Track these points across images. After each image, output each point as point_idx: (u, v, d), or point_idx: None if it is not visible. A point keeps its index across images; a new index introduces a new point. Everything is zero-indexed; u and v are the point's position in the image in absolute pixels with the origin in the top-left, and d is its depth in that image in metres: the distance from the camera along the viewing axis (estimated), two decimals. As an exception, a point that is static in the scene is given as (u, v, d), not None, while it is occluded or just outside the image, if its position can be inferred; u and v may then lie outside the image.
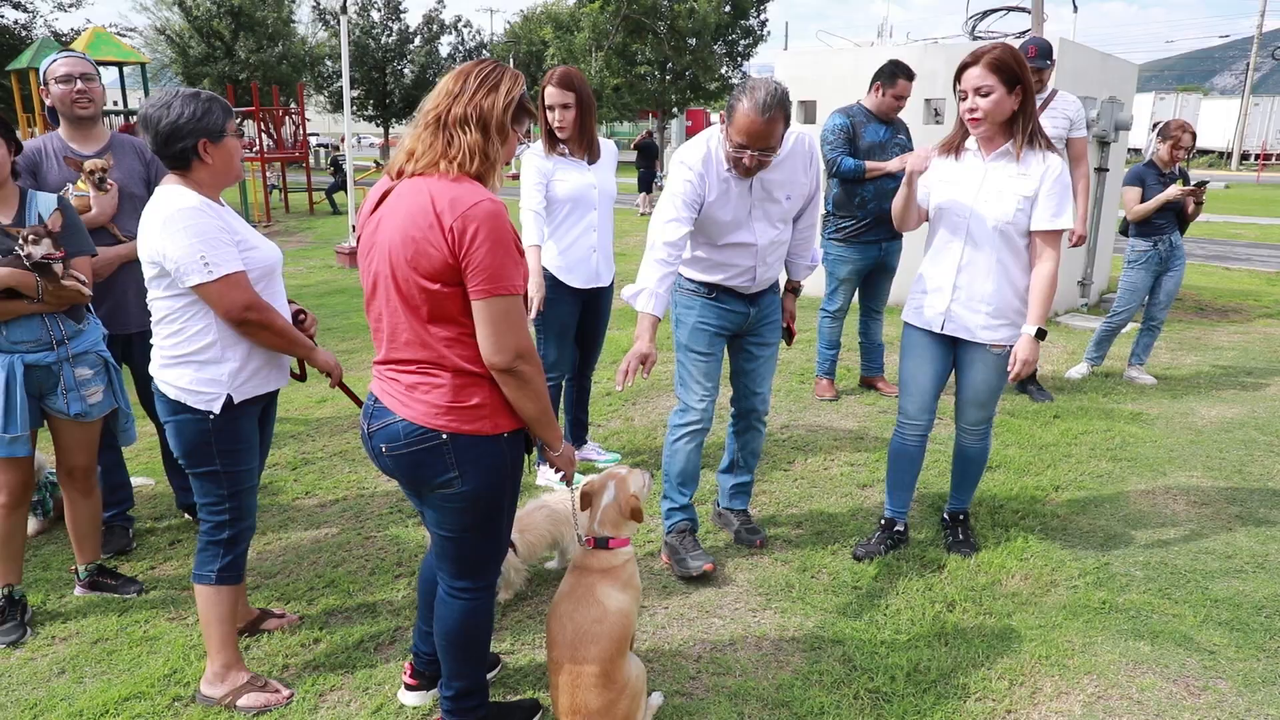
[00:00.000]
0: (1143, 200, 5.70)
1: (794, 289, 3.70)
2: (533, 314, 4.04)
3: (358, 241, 2.26)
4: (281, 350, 2.68)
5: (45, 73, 3.44)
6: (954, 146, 3.34)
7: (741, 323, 3.47)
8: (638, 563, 2.96)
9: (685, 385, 3.47)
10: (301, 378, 2.93)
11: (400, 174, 2.15)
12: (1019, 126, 3.17)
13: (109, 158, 3.43)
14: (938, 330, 3.40)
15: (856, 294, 5.70)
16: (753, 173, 3.14)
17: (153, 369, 2.61)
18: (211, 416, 2.54)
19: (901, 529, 3.70)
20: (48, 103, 3.48)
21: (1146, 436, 4.99)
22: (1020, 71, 3.10)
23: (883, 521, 3.71)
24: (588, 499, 2.60)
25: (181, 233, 2.40)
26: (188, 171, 2.51)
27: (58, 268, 2.87)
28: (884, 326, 5.85)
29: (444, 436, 2.14)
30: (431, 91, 2.16)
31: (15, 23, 24.79)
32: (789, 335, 3.70)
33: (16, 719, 2.65)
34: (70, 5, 26.30)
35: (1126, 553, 3.63)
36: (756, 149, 3.03)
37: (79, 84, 3.42)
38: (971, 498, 3.74)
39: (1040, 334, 3.21)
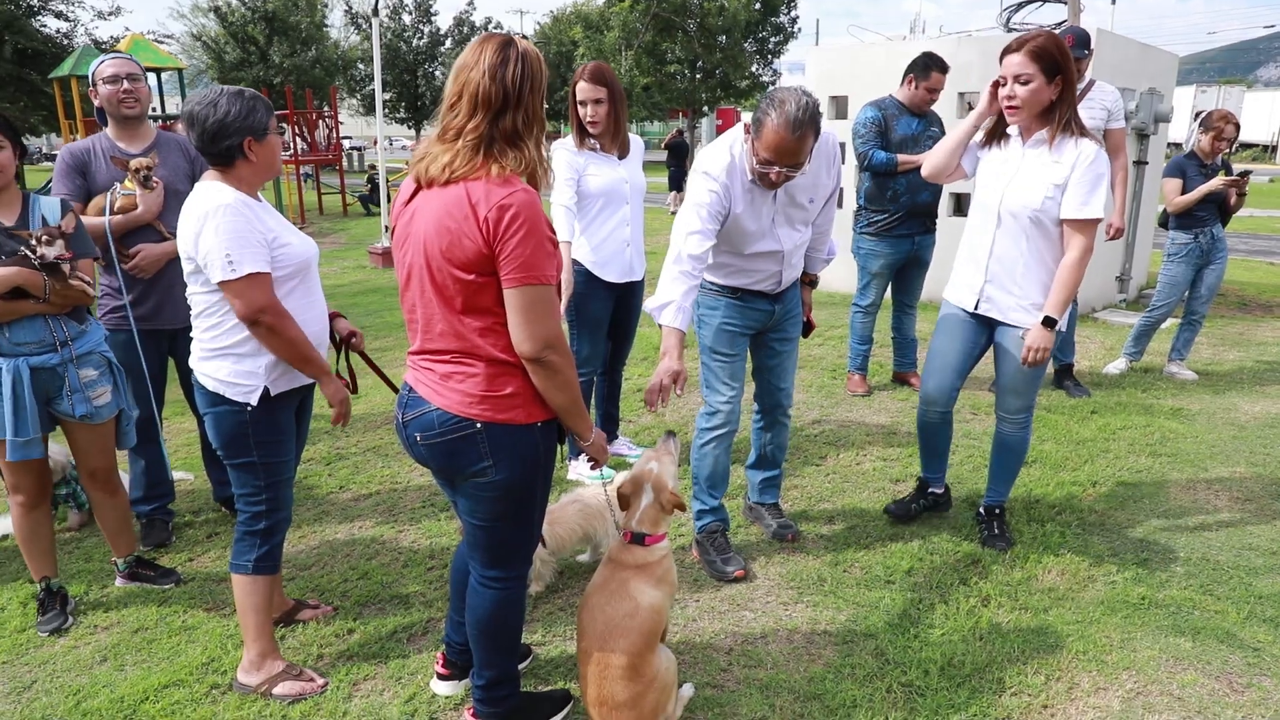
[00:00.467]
0: (1183, 192, 5.59)
1: (811, 281, 3.66)
2: (561, 308, 4.05)
3: (392, 234, 2.28)
4: (291, 362, 2.60)
5: (93, 74, 3.51)
6: (995, 135, 3.34)
7: (766, 320, 3.44)
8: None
9: (711, 387, 3.44)
10: (352, 389, 2.90)
11: (431, 183, 2.09)
12: (1056, 116, 3.14)
13: (154, 156, 3.49)
14: (972, 309, 3.42)
15: (889, 289, 5.65)
16: (778, 186, 3.08)
17: (192, 361, 2.65)
18: (249, 408, 2.57)
19: (939, 491, 3.84)
20: (96, 103, 3.55)
21: (1187, 432, 4.90)
22: (1062, 61, 3.07)
23: (918, 480, 3.87)
24: (625, 500, 2.59)
25: (213, 230, 2.43)
26: (229, 168, 2.55)
27: (66, 268, 2.87)
28: (917, 322, 5.79)
29: (478, 425, 2.15)
30: (462, 89, 2.03)
31: (57, 31, 25.29)
32: (807, 328, 3.68)
33: (61, 704, 2.71)
34: (110, 14, 26.79)
35: (1167, 548, 3.57)
36: (784, 165, 2.94)
37: (125, 84, 3.48)
38: (1009, 491, 3.69)
39: (1049, 322, 3.17)
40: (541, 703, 2.61)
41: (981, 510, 3.71)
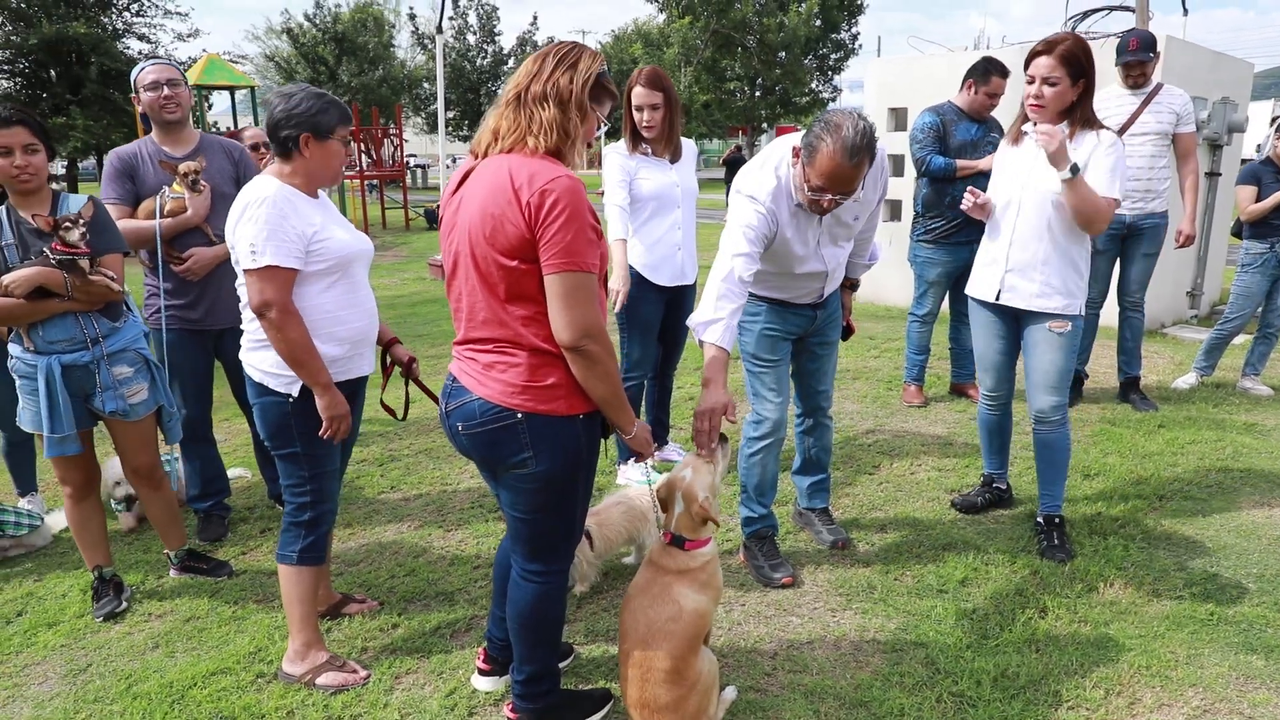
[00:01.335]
0: (1259, 199, 5.38)
1: (851, 285, 3.60)
2: (616, 308, 4.05)
3: (440, 223, 2.30)
4: (288, 363, 2.55)
5: (135, 80, 3.58)
6: (1015, 136, 3.48)
7: (808, 326, 3.38)
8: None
9: (758, 395, 3.38)
10: (400, 417, 3.06)
11: (485, 154, 2.18)
12: (1076, 115, 3.28)
13: (201, 160, 3.56)
14: (993, 300, 3.52)
15: (947, 298, 5.53)
16: (828, 213, 2.99)
17: (241, 353, 2.70)
18: (291, 399, 2.60)
19: (1003, 487, 3.96)
20: (139, 109, 3.64)
21: (1262, 448, 4.68)
22: (1087, 64, 3.23)
23: (983, 476, 4.01)
24: (665, 504, 2.55)
25: (249, 220, 2.49)
26: (287, 160, 2.59)
27: (84, 264, 2.91)
28: (976, 332, 5.65)
29: (519, 416, 2.15)
30: (512, 75, 2.19)
31: (140, 53, 26.38)
32: (847, 331, 3.63)
33: (113, 687, 2.77)
34: (189, 35, 28.06)
35: (1238, 564, 3.40)
36: (838, 193, 2.81)
37: (165, 89, 3.54)
38: (1062, 496, 3.58)
39: (1073, 169, 3.17)
40: (581, 700, 2.59)
41: (1040, 520, 3.60)
